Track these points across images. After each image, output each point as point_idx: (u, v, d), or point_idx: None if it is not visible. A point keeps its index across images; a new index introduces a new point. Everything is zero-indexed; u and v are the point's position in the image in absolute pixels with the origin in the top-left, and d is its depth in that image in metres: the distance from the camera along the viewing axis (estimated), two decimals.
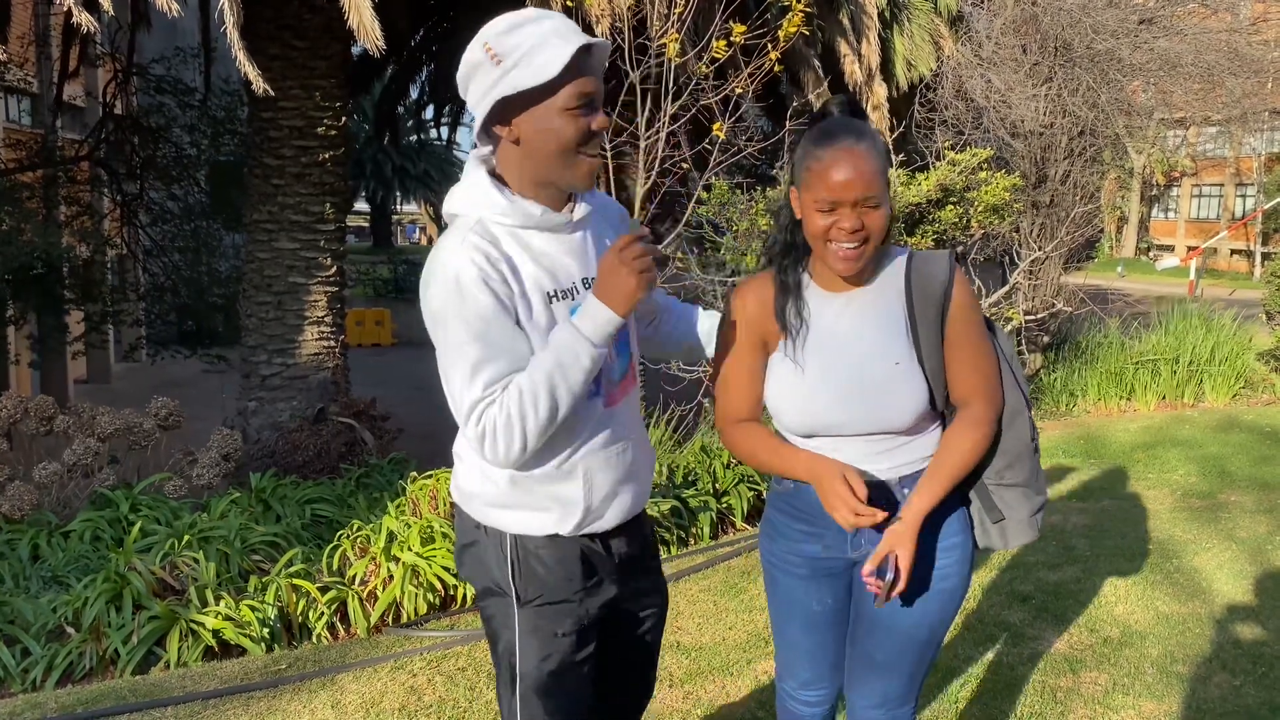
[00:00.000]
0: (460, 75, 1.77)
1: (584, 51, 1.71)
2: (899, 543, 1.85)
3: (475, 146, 1.87)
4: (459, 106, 15.64)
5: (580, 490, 1.84)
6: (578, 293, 1.81)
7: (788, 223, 1.91)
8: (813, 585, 2.08)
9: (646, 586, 2.09)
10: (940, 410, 1.94)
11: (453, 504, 2.04)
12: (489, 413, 1.70)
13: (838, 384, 1.88)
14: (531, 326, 1.75)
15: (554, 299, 1.78)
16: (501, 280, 1.71)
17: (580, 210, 1.83)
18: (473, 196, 1.78)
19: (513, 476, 1.83)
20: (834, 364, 1.89)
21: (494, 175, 1.81)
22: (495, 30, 1.72)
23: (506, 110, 1.73)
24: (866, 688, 2.07)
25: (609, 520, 1.90)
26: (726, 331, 2.01)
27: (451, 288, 1.69)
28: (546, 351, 1.73)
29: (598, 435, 1.85)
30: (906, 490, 1.94)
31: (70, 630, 3.97)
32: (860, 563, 2.02)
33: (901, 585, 1.85)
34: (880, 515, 1.77)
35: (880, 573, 1.86)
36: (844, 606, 2.12)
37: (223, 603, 4.00)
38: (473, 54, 1.73)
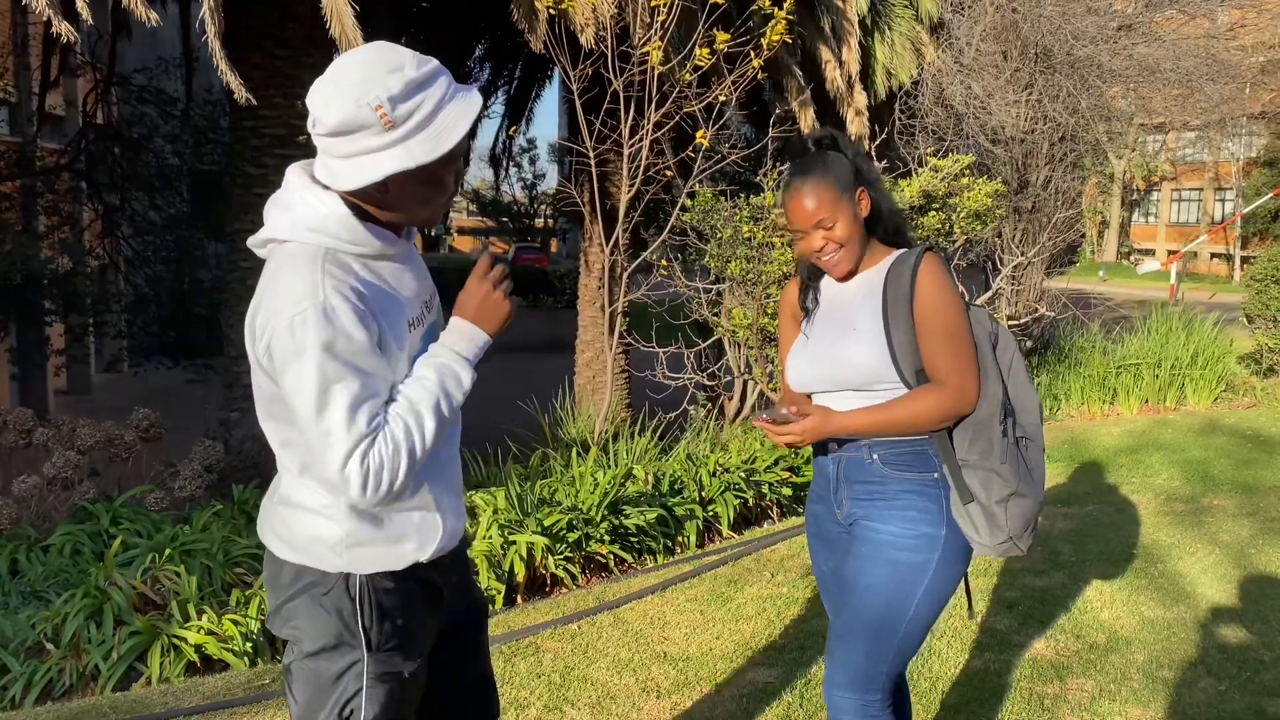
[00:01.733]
0: (329, 118, 1.60)
1: None
2: (808, 418, 2.10)
3: (306, 161, 1.76)
4: None
5: (433, 513, 1.80)
6: (425, 316, 1.81)
7: None
8: (819, 545, 2.35)
9: (470, 600, 2.06)
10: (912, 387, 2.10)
11: (274, 561, 1.83)
12: (375, 449, 1.61)
13: (813, 345, 2.23)
14: (400, 356, 1.71)
15: (412, 326, 1.75)
16: (371, 315, 1.65)
17: (409, 233, 1.81)
18: (323, 225, 1.65)
19: (368, 512, 1.73)
20: (818, 330, 2.24)
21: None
22: (387, 91, 1.58)
23: (391, 179, 1.64)
24: (831, 660, 2.18)
25: (453, 536, 1.86)
26: (779, 329, 2.43)
27: (322, 323, 1.58)
28: (424, 375, 1.71)
29: (440, 451, 1.81)
30: (876, 455, 2.15)
31: (50, 646, 3.91)
32: (848, 525, 2.21)
33: (782, 438, 2.10)
34: (789, 414, 2.11)
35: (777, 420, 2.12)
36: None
37: (205, 617, 3.95)
38: (356, 111, 1.58)
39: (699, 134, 6.11)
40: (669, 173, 6.52)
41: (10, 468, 6.25)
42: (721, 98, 6.17)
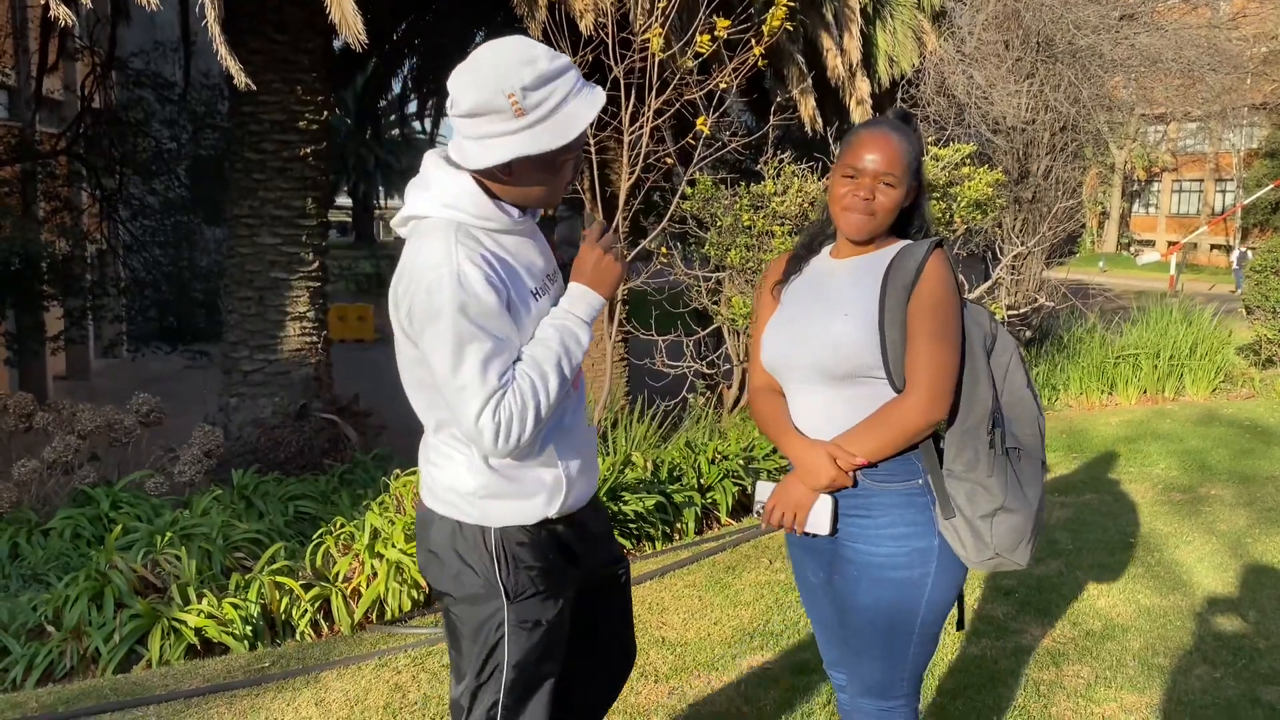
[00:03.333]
0: (465, 101, 1.76)
1: None
2: (816, 450, 2.03)
3: (440, 147, 1.93)
4: (442, 100, 15.56)
5: (560, 470, 1.93)
6: (548, 287, 1.95)
7: (824, 209, 2.15)
8: (805, 556, 2.23)
9: (609, 555, 2.18)
10: (898, 390, 2.00)
11: (423, 511, 2.01)
12: (505, 401, 1.76)
13: (795, 322, 2.09)
14: (528, 320, 1.85)
15: (536, 295, 1.89)
16: (500, 280, 1.79)
17: (533, 213, 1.97)
18: (456, 201, 1.81)
19: (499, 465, 1.88)
20: (801, 307, 2.10)
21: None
22: (520, 81, 1.72)
23: (516, 161, 1.78)
24: (851, 673, 2.16)
25: (581, 496, 2.00)
26: (758, 301, 2.24)
27: (455, 287, 1.72)
28: (546, 336, 1.86)
29: (565, 417, 1.96)
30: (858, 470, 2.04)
31: (51, 629, 3.93)
32: (835, 541, 2.11)
33: (792, 526, 2.06)
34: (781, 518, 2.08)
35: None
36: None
37: (205, 600, 3.97)
38: (491, 96, 1.73)
39: (699, 121, 6.09)
40: (669, 160, 6.51)
41: (10, 451, 6.26)
42: (722, 85, 6.15)
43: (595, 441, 2.12)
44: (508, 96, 1.72)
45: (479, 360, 1.74)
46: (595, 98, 1.80)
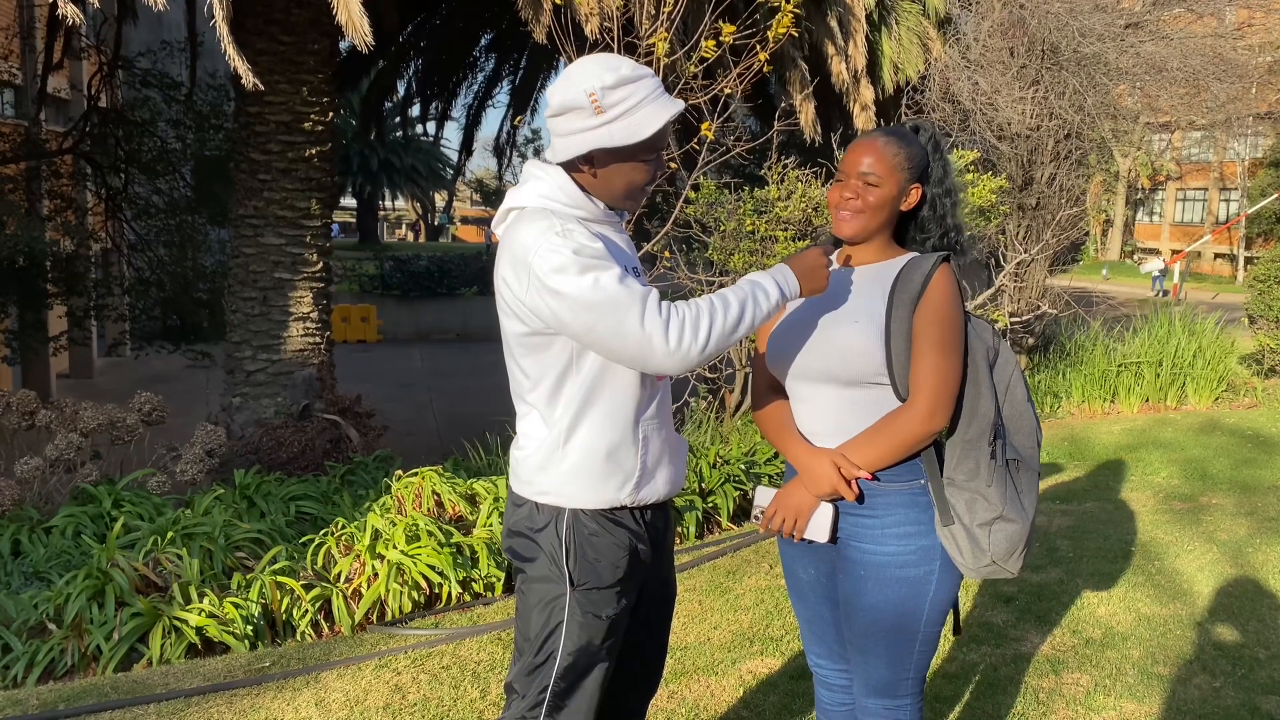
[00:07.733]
0: (555, 101, 1.95)
1: None
2: (818, 459, 2.06)
3: (539, 156, 2.09)
4: (446, 103, 15.60)
5: (638, 455, 2.01)
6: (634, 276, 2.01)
7: None
8: (795, 552, 2.26)
9: (666, 577, 2.24)
10: (902, 398, 2.03)
11: (510, 494, 2.13)
12: (666, 304, 1.86)
13: (803, 326, 2.12)
14: None
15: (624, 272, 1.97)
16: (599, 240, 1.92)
17: (621, 214, 2.12)
18: (549, 192, 1.97)
19: (583, 444, 1.97)
20: (809, 311, 2.13)
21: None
22: (601, 82, 1.90)
23: (595, 153, 1.94)
24: (856, 673, 2.18)
25: (660, 488, 2.06)
26: None
27: (563, 240, 1.86)
28: (742, 283, 1.99)
29: (651, 405, 2.05)
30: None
31: (52, 627, 3.94)
32: (837, 542, 2.13)
33: (792, 532, 2.10)
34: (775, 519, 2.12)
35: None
36: (832, 581, 2.21)
37: (206, 600, 3.98)
38: (574, 96, 1.91)
39: (704, 126, 6.11)
40: (673, 165, 6.52)
41: (13, 449, 6.27)
42: (727, 90, 6.17)
43: (683, 448, 2.18)
44: (589, 95, 1.89)
45: (614, 278, 1.84)
46: (671, 105, 1.95)
